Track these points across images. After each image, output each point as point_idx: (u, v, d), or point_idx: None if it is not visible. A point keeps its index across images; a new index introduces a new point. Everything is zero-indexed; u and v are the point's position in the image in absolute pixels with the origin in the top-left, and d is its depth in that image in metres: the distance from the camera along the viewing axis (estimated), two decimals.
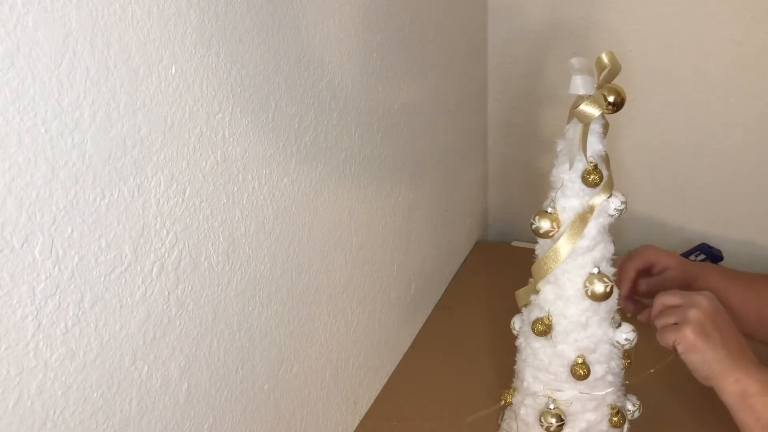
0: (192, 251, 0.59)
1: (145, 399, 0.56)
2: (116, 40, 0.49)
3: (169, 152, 0.55)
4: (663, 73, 1.17)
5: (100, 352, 0.51)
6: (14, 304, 0.44)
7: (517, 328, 0.80)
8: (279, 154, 0.69)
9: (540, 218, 0.70)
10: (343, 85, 0.79)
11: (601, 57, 0.64)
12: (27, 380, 0.46)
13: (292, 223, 0.73)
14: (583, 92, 0.64)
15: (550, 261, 0.70)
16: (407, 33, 0.94)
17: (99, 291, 0.50)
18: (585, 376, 0.72)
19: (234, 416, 0.68)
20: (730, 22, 1.09)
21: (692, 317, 0.68)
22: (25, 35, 0.42)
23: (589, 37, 1.19)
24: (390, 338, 1.01)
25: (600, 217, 0.69)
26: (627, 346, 0.74)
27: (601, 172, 0.67)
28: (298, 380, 0.78)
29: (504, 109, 1.33)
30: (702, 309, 0.68)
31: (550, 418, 0.75)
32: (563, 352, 0.73)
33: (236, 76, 0.61)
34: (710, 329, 0.67)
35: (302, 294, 0.76)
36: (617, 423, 0.76)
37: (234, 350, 0.66)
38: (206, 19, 0.57)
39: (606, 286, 0.69)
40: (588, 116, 0.64)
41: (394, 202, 0.96)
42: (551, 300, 0.72)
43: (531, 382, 0.77)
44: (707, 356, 0.67)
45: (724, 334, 0.68)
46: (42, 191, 0.45)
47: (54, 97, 0.45)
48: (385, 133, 0.91)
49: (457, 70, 1.16)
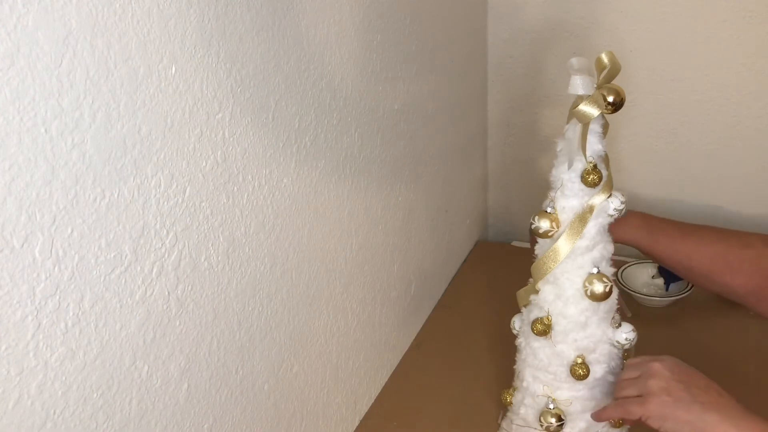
0: (192, 251, 0.59)
1: (145, 399, 0.56)
2: (116, 40, 0.49)
3: (169, 152, 0.55)
4: (663, 73, 1.17)
5: (100, 352, 0.51)
6: (14, 304, 0.44)
7: (517, 328, 0.80)
8: (279, 154, 0.69)
9: (539, 218, 0.70)
10: (343, 85, 0.79)
11: (601, 57, 0.64)
12: (27, 380, 0.46)
13: (292, 223, 0.73)
14: (582, 92, 0.64)
15: (549, 261, 0.70)
16: (407, 33, 0.94)
17: (99, 291, 0.50)
18: (584, 376, 0.72)
19: (234, 416, 0.68)
20: (730, 22, 1.09)
21: (653, 387, 0.66)
22: (25, 35, 0.42)
23: (589, 37, 1.19)
24: (390, 338, 1.01)
25: (599, 217, 0.69)
26: (627, 345, 0.74)
27: (600, 172, 0.67)
28: (298, 380, 0.78)
29: (504, 109, 1.33)
30: (662, 377, 0.66)
31: (549, 418, 0.75)
32: (563, 352, 0.73)
33: (236, 76, 0.61)
34: (676, 392, 0.65)
35: (302, 294, 0.76)
36: (617, 423, 0.77)
37: (234, 350, 0.66)
38: (206, 19, 0.57)
39: (605, 286, 0.69)
40: (587, 116, 0.64)
41: (394, 202, 0.96)
42: (551, 300, 0.72)
43: (531, 381, 0.77)
44: (683, 418, 0.64)
45: (692, 390, 0.65)
46: (42, 191, 0.45)
47: (54, 97, 0.45)
48: (385, 133, 0.91)
49: (457, 70, 1.16)
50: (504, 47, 1.28)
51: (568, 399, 0.75)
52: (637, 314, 0.91)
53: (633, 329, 0.74)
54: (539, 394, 0.76)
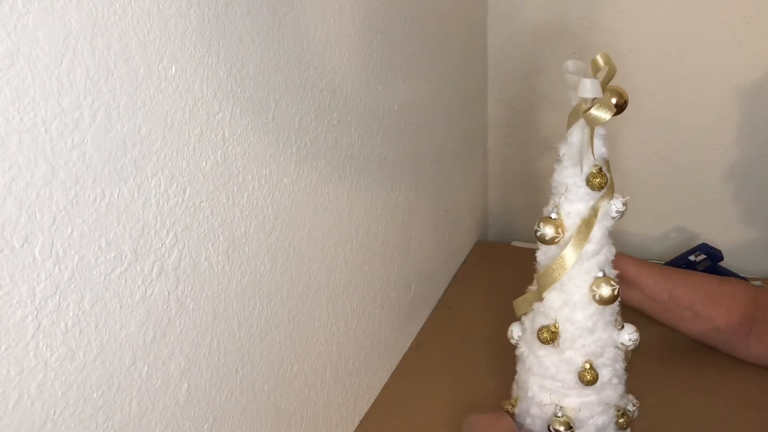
0: (192, 251, 0.59)
1: (145, 399, 0.56)
2: (116, 40, 0.49)
3: (169, 152, 0.55)
4: (663, 73, 1.17)
5: (100, 352, 0.51)
6: (14, 304, 0.44)
7: (516, 337, 0.78)
8: (279, 154, 0.69)
9: (544, 225, 0.69)
10: (343, 85, 0.79)
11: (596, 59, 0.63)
12: (27, 380, 0.46)
13: (292, 223, 0.73)
14: (591, 95, 0.63)
15: (558, 268, 0.69)
16: (407, 33, 0.94)
17: (99, 291, 0.50)
18: (593, 381, 0.72)
19: (234, 416, 0.68)
20: (730, 22, 1.09)
21: None
22: (25, 35, 0.42)
23: (589, 37, 1.19)
24: (390, 338, 1.01)
25: (603, 221, 0.69)
26: (631, 346, 0.74)
27: (606, 175, 0.66)
28: (298, 380, 0.78)
29: (504, 109, 1.33)
30: None
31: (558, 426, 0.74)
32: (571, 359, 0.72)
33: (236, 76, 0.61)
34: None
35: (302, 294, 0.76)
36: (623, 425, 0.76)
37: (234, 350, 0.66)
38: (206, 19, 0.57)
39: (613, 290, 0.68)
40: (599, 120, 0.63)
41: (394, 202, 0.96)
42: (557, 307, 0.71)
43: (537, 391, 0.76)
44: None
45: None
46: (42, 191, 0.45)
47: (54, 97, 0.45)
48: (385, 133, 0.91)
49: (457, 70, 1.15)
50: (504, 47, 1.28)
51: (577, 406, 0.74)
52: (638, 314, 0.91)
53: (635, 330, 0.74)
54: (546, 403, 0.75)
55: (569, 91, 0.65)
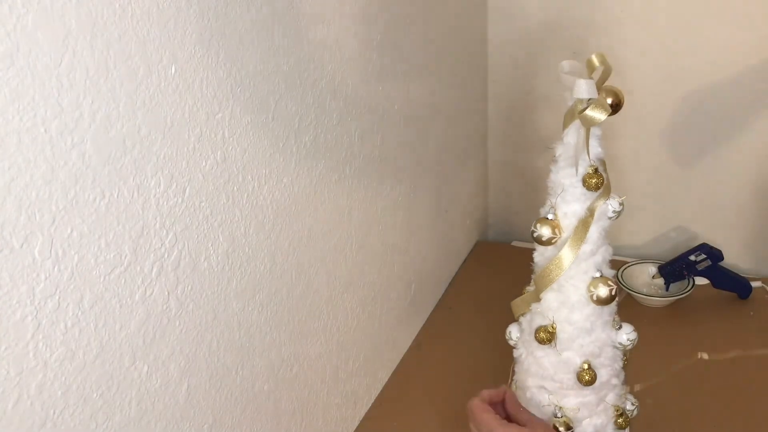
0: (192, 251, 0.59)
1: (145, 399, 0.56)
2: (116, 40, 0.49)
3: (169, 152, 0.55)
4: (663, 73, 1.17)
5: (99, 352, 0.51)
6: (14, 304, 0.44)
7: (514, 338, 0.78)
8: (279, 154, 0.69)
9: (541, 225, 0.69)
10: (343, 85, 0.79)
11: (592, 59, 0.63)
12: (27, 380, 0.46)
13: (292, 223, 0.73)
14: (587, 96, 0.63)
15: (555, 269, 0.69)
16: (407, 33, 0.94)
17: (99, 291, 0.50)
18: (591, 381, 0.72)
19: (234, 416, 0.68)
20: (730, 21, 1.09)
21: None
22: (25, 35, 0.42)
23: (589, 37, 1.19)
24: (390, 338, 1.01)
25: (600, 221, 0.69)
26: (629, 346, 0.73)
27: (602, 176, 0.66)
28: (298, 380, 0.78)
29: (504, 109, 1.33)
30: None
31: (558, 427, 0.74)
32: (569, 359, 0.72)
33: (236, 76, 0.61)
34: None
35: (302, 294, 0.76)
36: (622, 425, 0.76)
37: (234, 350, 0.66)
38: (206, 19, 0.57)
39: (610, 290, 0.68)
40: (594, 120, 0.63)
41: (394, 202, 0.96)
42: (555, 307, 0.71)
43: (535, 392, 0.76)
44: None
45: None
46: (42, 191, 0.45)
47: (54, 97, 0.45)
48: (385, 133, 0.91)
49: (457, 70, 1.15)
50: (504, 47, 1.28)
51: (576, 406, 0.74)
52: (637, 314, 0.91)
53: (633, 329, 0.74)
54: (545, 404, 0.75)
55: (565, 92, 0.65)
